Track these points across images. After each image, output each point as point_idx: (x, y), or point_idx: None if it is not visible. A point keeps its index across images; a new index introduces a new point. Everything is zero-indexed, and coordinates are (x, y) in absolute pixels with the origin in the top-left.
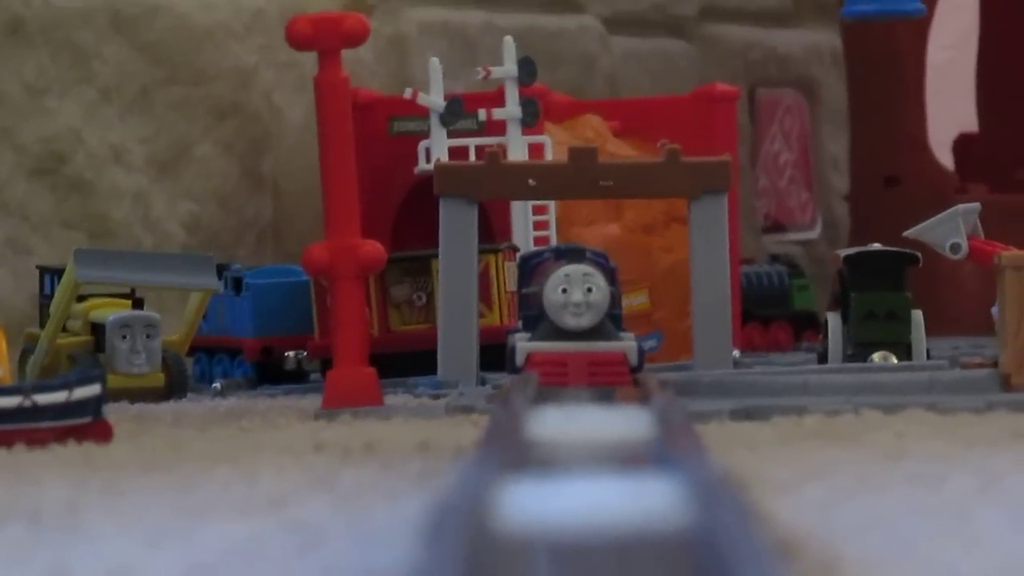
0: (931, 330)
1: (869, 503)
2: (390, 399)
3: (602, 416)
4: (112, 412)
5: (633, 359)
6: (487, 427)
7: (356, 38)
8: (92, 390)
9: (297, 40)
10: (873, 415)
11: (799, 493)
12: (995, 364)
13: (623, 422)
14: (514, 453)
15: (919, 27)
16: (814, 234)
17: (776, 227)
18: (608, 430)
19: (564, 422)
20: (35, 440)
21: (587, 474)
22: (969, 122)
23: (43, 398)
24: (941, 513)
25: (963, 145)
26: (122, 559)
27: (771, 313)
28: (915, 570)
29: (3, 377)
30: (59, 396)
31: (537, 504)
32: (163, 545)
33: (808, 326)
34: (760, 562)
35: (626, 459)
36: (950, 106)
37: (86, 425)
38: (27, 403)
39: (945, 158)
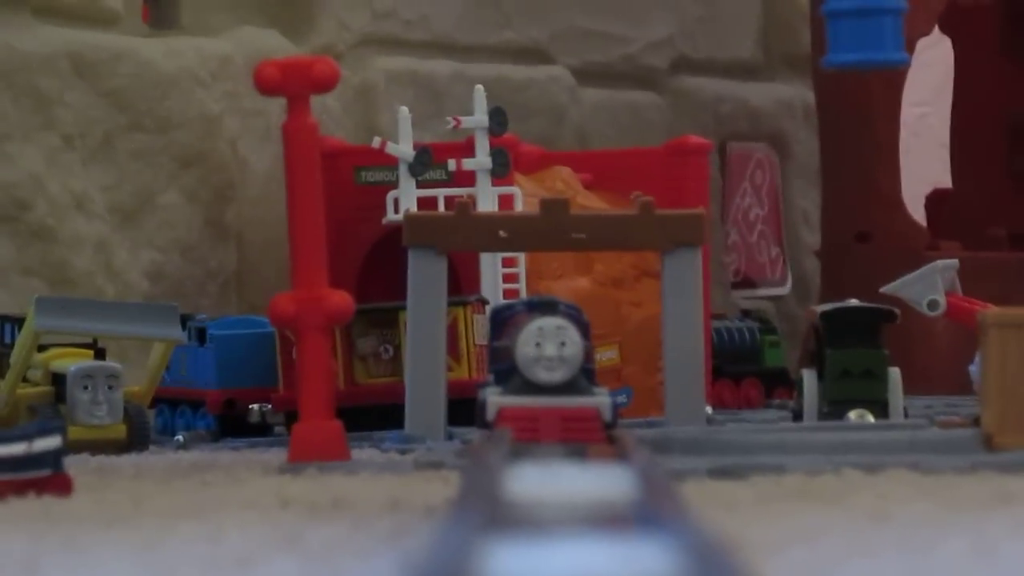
0: (904, 389)
1: (860, 568)
2: (356, 453)
3: (581, 474)
4: (72, 464)
5: (607, 415)
6: (462, 484)
7: (326, 83)
8: (52, 442)
9: (265, 85)
10: (854, 475)
11: (786, 556)
12: (974, 423)
13: (603, 481)
14: (493, 513)
15: (893, 82)
16: (784, 290)
17: (746, 283)
18: (588, 489)
19: (542, 480)
20: None
21: (572, 536)
22: (942, 178)
23: (2, 450)
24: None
25: (936, 202)
26: None
27: (742, 370)
28: None
29: None
30: (18, 448)
31: (522, 568)
32: None
33: (779, 383)
34: None
35: (610, 520)
36: (923, 162)
37: (46, 478)
38: None
39: (918, 214)
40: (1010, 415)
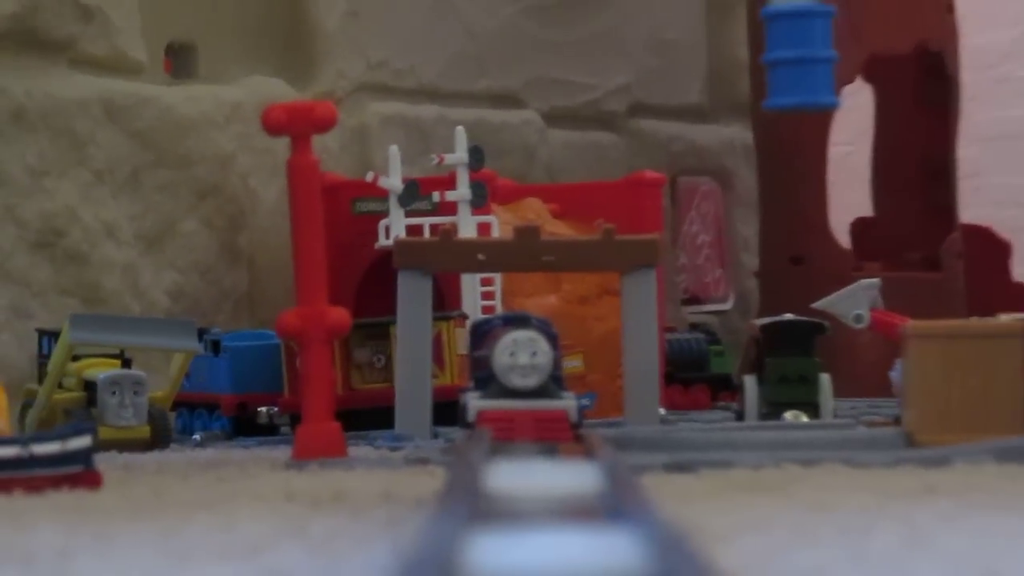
0: (833, 392)
1: (806, 555)
2: (353, 451)
3: (552, 470)
4: (102, 461)
5: (573, 417)
6: (447, 479)
7: (326, 124)
8: (84, 441)
9: (272, 126)
10: (793, 469)
11: (738, 544)
12: (895, 422)
13: (572, 475)
14: (476, 505)
15: (822, 124)
16: (727, 306)
17: (694, 299)
18: (560, 483)
19: (518, 475)
20: (32, 487)
21: (547, 527)
22: (864, 208)
23: (39, 448)
24: (877, 566)
25: (859, 228)
26: None
27: (691, 376)
28: None
29: (3, 429)
30: (54, 447)
31: (503, 556)
32: None
33: (723, 388)
34: None
35: (581, 512)
36: (848, 194)
37: (78, 474)
38: (25, 453)
39: (844, 240)
40: (929, 415)
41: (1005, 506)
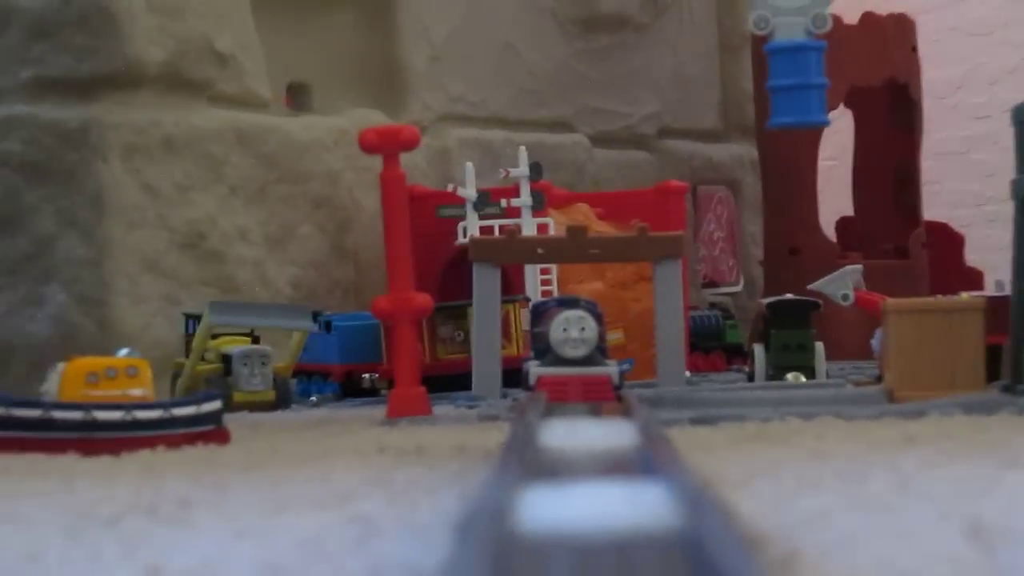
0: (825, 357)
1: (810, 496)
2: (437, 409)
3: (596, 427)
4: (235, 420)
5: (616, 380)
6: (509, 436)
7: (410, 144)
8: (215, 405)
9: (366, 146)
10: (795, 422)
11: (752, 490)
12: (877, 381)
13: (612, 432)
14: (532, 461)
15: (812, 143)
16: (738, 288)
17: (711, 283)
18: (601, 439)
19: (567, 432)
20: (172, 443)
21: (589, 481)
22: (847, 209)
23: (178, 411)
24: (873, 510)
25: (843, 225)
26: (210, 551)
27: (710, 345)
28: (857, 557)
29: (148, 396)
30: (190, 409)
31: (551, 508)
32: (246, 538)
33: (736, 355)
34: (738, 555)
35: (619, 466)
36: (834, 199)
37: (210, 432)
38: (166, 415)
39: (831, 234)
40: (906, 376)
41: (977, 453)
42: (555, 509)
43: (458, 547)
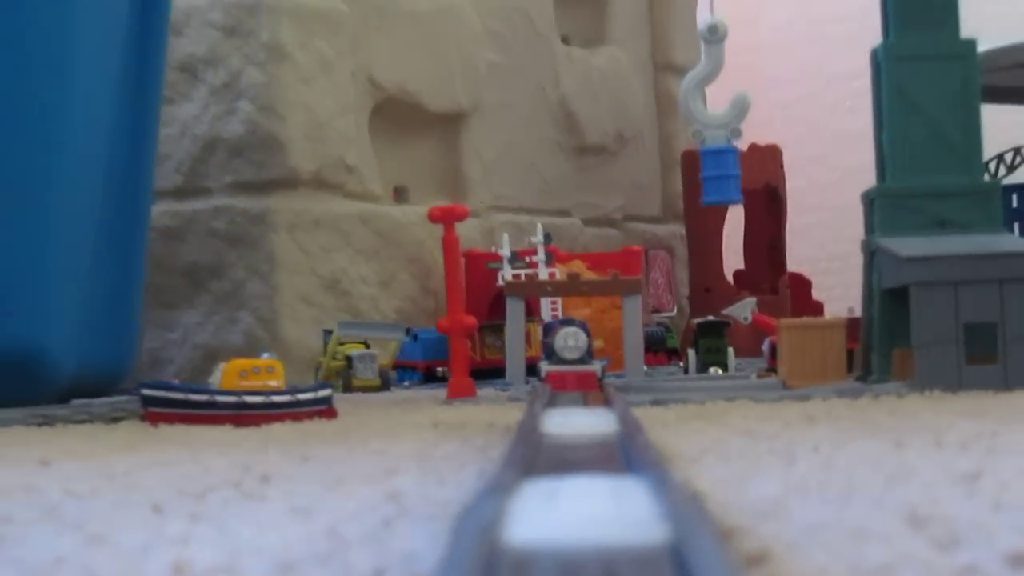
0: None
1: (759, 481)
2: (481, 392)
3: (584, 416)
4: (353, 399)
5: (599, 375)
6: (519, 425)
7: (461, 216)
8: (327, 391)
9: (432, 218)
10: (723, 403)
11: (705, 465)
12: (768, 372)
13: (597, 420)
14: (530, 456)
15: (718, 222)
16: (673, 313)
17: (656, 310)
18: (589, 426)
19: (563, 421)
20: (296, 417)
21: (580, 477)
22: (739, 263)
23: (301, 395)
24: (802, 476)
25: (738, 274)
26: (238, 544)
27: (657, 348)
28: (797, 520)
29: (280, 386)
30: (309, 395)
31: (541, 515)
32: (287, 524)
33: (674, 355)
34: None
35: (605, 456)
36: (731, 257)
37: (323, 410)
38: (293, 399)
39: (731, 279)
40: (794, 370)
41: (865, 431)
42: (544, 514)
43: (447, 556)
